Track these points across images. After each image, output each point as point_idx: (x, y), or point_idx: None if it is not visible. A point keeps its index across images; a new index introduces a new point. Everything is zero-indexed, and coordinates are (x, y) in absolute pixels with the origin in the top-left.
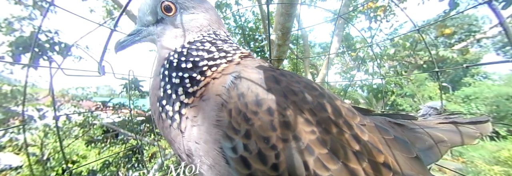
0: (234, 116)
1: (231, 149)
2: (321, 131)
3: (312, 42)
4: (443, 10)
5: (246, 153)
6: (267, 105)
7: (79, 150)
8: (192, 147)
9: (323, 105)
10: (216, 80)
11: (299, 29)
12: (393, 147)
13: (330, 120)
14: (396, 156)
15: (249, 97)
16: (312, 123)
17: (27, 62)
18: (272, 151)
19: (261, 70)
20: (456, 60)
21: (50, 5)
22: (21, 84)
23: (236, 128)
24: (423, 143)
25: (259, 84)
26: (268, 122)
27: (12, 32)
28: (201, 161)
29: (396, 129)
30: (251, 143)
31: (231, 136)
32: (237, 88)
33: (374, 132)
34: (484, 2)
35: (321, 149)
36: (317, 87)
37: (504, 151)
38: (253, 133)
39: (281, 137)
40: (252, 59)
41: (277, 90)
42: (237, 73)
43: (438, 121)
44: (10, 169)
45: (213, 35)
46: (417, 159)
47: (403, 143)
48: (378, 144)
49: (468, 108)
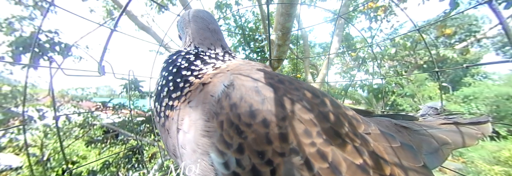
0: (226, 128)
1: (223, 164)
2: (322, 143)
3: (312, 42)
4: (443, 10)
5: (239, 169)
6: (262, 116)
7: (79, 150)
8: (177, 151)
9: (324, 114)
10: (206, 87)
11: (299, 29)
12: (400, 156)
13: (332, 131)
14: (404, 165)
15: (242, 107)
16: (311, 135)
17: (27, 62)
18: (267, 167)
19: (257, 77)
20: (456, 60)
21: (50, 5)
22: (21, 84)
23: (228, 142)
24: (429, 146)
25: (254, 93)
26: (263, 135)
27: (13, 32)
28: (189, 168)
29: (403, 133)
30: (244, 158)
31: (222, 151)
32: (230, 98)
33: (380, 140)
34: (484, 2)
35: (322, 163)
36: (319, 94)
37: (505, 151)
38: (246, 147)
39: (277, 151)
40: (247, 64)
41: (274, 99)
42: (229, 81)
43: (440, 122)
44: (10, 169)
45: (196, 44)
46: (424, 168)
47: (410, 150)
48: (384, 154)
49: (468, 108)
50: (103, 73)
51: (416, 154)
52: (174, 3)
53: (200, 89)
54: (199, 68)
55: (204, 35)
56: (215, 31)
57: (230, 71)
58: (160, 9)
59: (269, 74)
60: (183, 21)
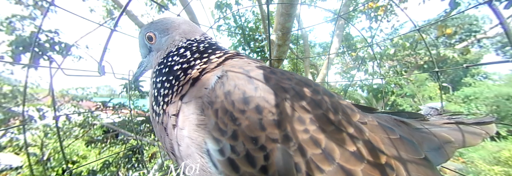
0: (220, 116)
1: (218, 151)
2: (315, 129)
3: (312, 42)
4: (443, 10)
5: (234, 155)
6: (255, 103)
7: (79, 150)
8: (175, 147)
9: (317, 102)
10: (198, 82)
11: (299, 29)
12: (398, 147)
13: (325, 118)
14: (402, 157)
15: (235, 94)
16: (304, 122)
17: (27, 62)
18: (260, 152)
19: (249, 68)
20: (456, 60)
21: (50, 5)
22: (21, 84)
23: (222, 129)
24: (431, 143)
25: (247, 81)
26: (257, 121)
27: (13, 31)
28: (186, 164)
29: (403, 127)
30: (238, 145)
31: (217, 138)
32: (224, 86)
33: (377, 131)
34: (484, 2)
35: (315, 149)
36: (311, 84)
37: (505, 152)
38: (240, 133)
39: (270, 137)
40: (240, 59)
41: (267, 87)
42: (222, 73)
43: (443, 121)
44: (11, 169)
45: (188, 41)
46: (425, 161)
47: (410, 143)
48: (380, 143)
49: (468, 108)
50: (103, 73)
51: (417, 147)
52: (174, 3)
53: (191, 84)
54: (192, 63)
55: (195, 30)
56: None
57: (223, 65)
58: (160, 9)
59: (261, 66)
60: (167, 22)
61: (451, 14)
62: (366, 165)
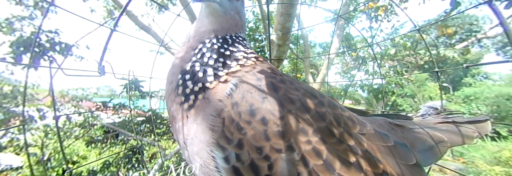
0: (227, 124)
1: (224, 159)
2: (317, 141)
3: (312, 42)
4: (443, 10)
5: (239, 164)
6: (261, 114)
7: (79, 150)
8: (188, 139)
9: (321, 114)
10: (221, 84)
11: (299, 29)
12: (393, 154)
13: (328, 130)
14: (396, 163)
15: (243, 106)
16: (308, 133)
17: (28, 62)
18: (265, 162)
19: (262, 75)
20: (456, 60)
21: (50, 5)
22: (22, 84)
23: (228, 137)
24: (423, 143)
25: (256, 92)
26: (262, 131)
27: (13, 32)
28: (193, 158)
29: (396, 131)
30: (243, 153)
31: (223, 146)
32: (232, 97)
33: (374, 139)
34: (485, 2)
35: (317, 160)
36: (317, 95)
37: (505, 152)
38: (245, 142)
39: (274, 147)
40: (262, 63)
41: (274, 98)
42: (237, 80)
43: (437, 121)
44: (11, 169)
45: (240, 36)
46: (416, 167)
47: (403, 149)
48: (377, 153)
49: (469, 108)
50: (103, 73)
51: (409, 152)
52: (174, 3)
53: (217, 87)
54: (222, 64)
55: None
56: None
57: (245, 69)
58: (160, 9)
59: (273, 73)
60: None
61: (451, 14)
62: (365, 175)
